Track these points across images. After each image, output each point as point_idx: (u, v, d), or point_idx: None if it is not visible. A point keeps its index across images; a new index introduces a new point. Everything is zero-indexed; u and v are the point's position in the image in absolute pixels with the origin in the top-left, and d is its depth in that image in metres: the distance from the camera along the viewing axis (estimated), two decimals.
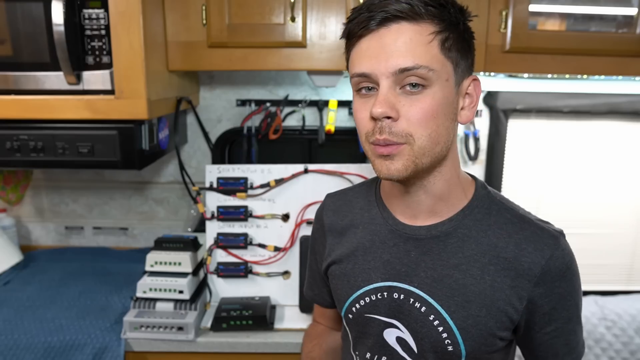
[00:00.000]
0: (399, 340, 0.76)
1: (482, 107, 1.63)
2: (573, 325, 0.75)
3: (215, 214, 1.34)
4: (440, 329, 0.72)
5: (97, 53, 1.11)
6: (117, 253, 1.71)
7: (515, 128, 1.66)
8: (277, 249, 1.35)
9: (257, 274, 1.36)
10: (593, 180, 1.71)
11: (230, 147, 1.68)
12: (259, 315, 1.24)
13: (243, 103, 1.61)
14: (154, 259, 1.26)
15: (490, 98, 1.60)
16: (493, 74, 1.56)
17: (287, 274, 1.37)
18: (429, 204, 0.75)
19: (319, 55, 1.27)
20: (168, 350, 1.21)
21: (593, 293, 1.67)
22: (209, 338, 1.22)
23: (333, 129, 1.58)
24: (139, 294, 1.23)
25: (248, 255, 1.36)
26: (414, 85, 0.65)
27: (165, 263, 1.26)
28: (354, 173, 1.34)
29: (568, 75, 1.54)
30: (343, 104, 1.61)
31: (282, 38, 1.25)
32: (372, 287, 0.78)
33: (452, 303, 0.72)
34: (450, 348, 0.72)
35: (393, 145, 0.66)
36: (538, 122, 1.66)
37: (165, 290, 1.23)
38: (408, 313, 0.74)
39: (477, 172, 1.65)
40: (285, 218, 1.36)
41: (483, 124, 1.64)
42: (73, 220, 1.75)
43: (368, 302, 0.78)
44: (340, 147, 1.66)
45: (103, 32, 1.10)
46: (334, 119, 1.60)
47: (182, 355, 1.23)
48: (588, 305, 1.58)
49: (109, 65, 1.11)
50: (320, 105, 1.60)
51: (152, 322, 1.19)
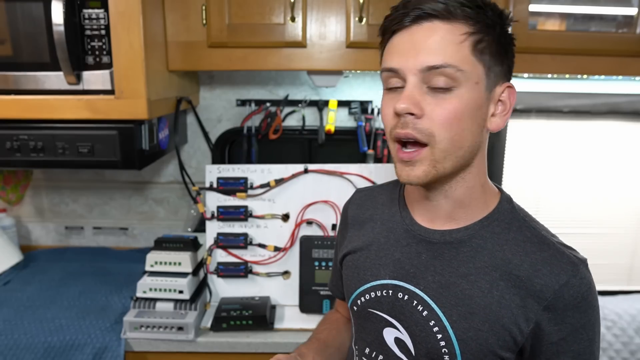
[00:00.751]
0: (397, 341, 0.76)
1: None
2: None
3: (215, 214, 1.34)
4: (439, 337, 0.71)
5: (97, 53, 1.11)
6: (117, 253, 1.71)
7: (515, 128, 1.66)
8: (277, 249, 1.35)
9: (257, 274, 1.36)
10: (593, 180, 1.71)
11: (230, 147, 1.68)
12: (259, 315, 1.24)
13: (243, 103, 1.61)
14: (154, 259, 1.26)
15: None
16: None
17: (287, 274, 1.37)
18: (448, 209, 0.73)
19: (319, 55, 1.27)
20: (168, 350, 1.21)
21: None
22: (209, 338, 1.22)
23: (333, 129, 1.59)
24: (139, 294, 1.23)
25: (248, 255, 1.36)
26: (440, 88, 0.64)
27: (165, 263, 1.26)
28: (354, 173, 1.34)
29: (568, 75, 1.54)
30: (343, 104, 1.61)
31: (282, 38, 1.25)
32: (378, 283, 0.78)
33: (454, 312, 0.70)
34: (447, 358, 0.70)
35: (414, 151, 0.66)
36: (538, 122, 1.66)
37: (165, 290, 1.23)
38: (409, 315, 0.74)
39: None
40: (285, 218, 1.36)
41: None
42: (73, 220, 1.75)
43: (373, 297, 0.78)
44: (340, 147, 1.66)
45: (103, 32, 1.10)
46: (334, 119, 1.60)
47: (182, 355, 1.23)
48: None
49: (109, 65, 1.11)
50: (320, 105, 1.60)
51: (152, 322, 1.19)
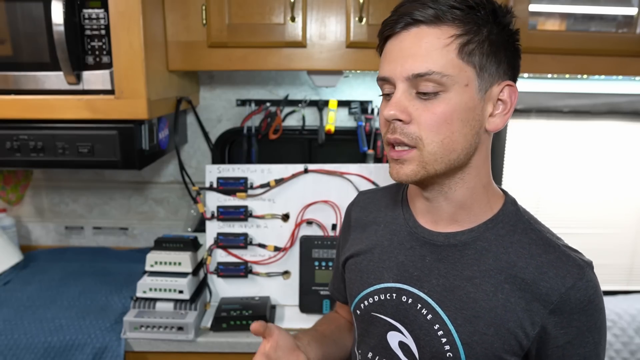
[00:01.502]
0: (402, 345, 0.75)
1: None
2: None
3: (215, 214, 1.34)
4: (444, 340, 0.70)
5: (97, 53, 1.11)
6: (117, 253, 1.71)
7: (515, 128, 1.66)
8: (277, 249, 1.35)
9: (257, 274, 1.36)
10: (593, 180, 1.71)
11: (230, 147, 1.68)
12: (259, 315, 1.24)
13: (243, 103, 1.61)
14: (154, 259, 1.26)
15: None
16: None
17: (287, 274, 1.37)
18: (450, 211, 0.73)
19: (319, 55, 1.27)
20: (168, 350, 1.21)
21: None
22: (209, 338, 1.22)
23: (333, 129, 1.59)
24: (139, 294, 1.23)
25: (248, 255, 1.36)
26: (426, 93, 0.64)
27: (165, 263, 1.26)
28: (354, 173, 1.34)
29: (568, 75, 1.54)
30: (343, 104, 1.61)
31: (282, 38, 1.25)
32: (382, 286, 0.77)
33: (459, 316, 0.69)
34: None
35: (403, 151, 0.67)
36: (538, 122, 1.66)
37: (165, 290, 1.23)
38: (413, 318, 0.73)
39: None
40: (285, 218, 1.36)
41: None
42: (73, 220, 1.76)
43: (377, 300, 0.78)
44: (340, 147, 1.66)
45: (103, 32, 1.10)
46: (334, 119, 1.60)
47: (182, 355, 1.23)
48: None
49: (109, 65, 1.11)
50: (320, 105, 1.60)
51: (152, 322, 1.19)
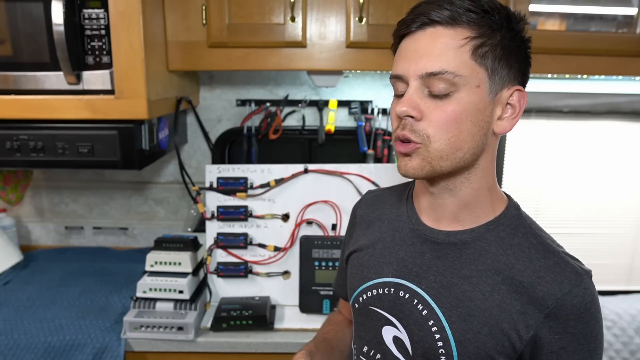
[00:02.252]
0: (396, 340, 0.76)
1: None
2: None
3: (215, 214, 1.34)
4: (437, 337, 0.71)
5: (97, 53, 1.11)
6: (117, 253, 1.71)
7: (515, 128, 1.66)
8: (277, 249, 1.35)
9: (257, 274, 1.36)
10: (593, 180, 1.71)
11: (230, 147, 1.68)
12: (259, 315, 1.24)
13: (243, 103, 1.61)
14: (154, 259, 1.26)
15: None
16: None
17: (287, 274, 1.37)
18: (453, 210, 0.74)
19: (319, 55, 1.27)
20: (168, 350, 1.21)
21: None
22: (209, 338, 1.22)
23: (333, 129, 1.59)
24: (139, 294, 1.23)
25: (248, 255, 1.36)
26: (437, 95, 0.66)
27: (165, 263, 1.26)
28: (354, 173, 1.34)
29: (568, 75, 1.54)
30: (343, 104, 1.61)
31: (282, 38, 1.25)
32: (381, 280, 0.78)
33: (454, 313, 0.70)
34: (444, 359, 0.70)
35: (410, 144, 0.68)
36: (538, 122, 1.66)
37: (165, 290, 1.23)
38: (409, 313, 0.74)
39: None
40: (285, 218, 1.36)
41: None
42: (73, 220, 1.75)
43: (375, 294, 0.79)
44: (340, 147, 1.66)
45: (103, 32, 1.10)
46: (334, 119, 1.60)
47: (182, 355, 1.23)
48: None
49: (109, 65, 1.11)
50: (320, 105, 1.60)
51: (152, 322, 1.19)
